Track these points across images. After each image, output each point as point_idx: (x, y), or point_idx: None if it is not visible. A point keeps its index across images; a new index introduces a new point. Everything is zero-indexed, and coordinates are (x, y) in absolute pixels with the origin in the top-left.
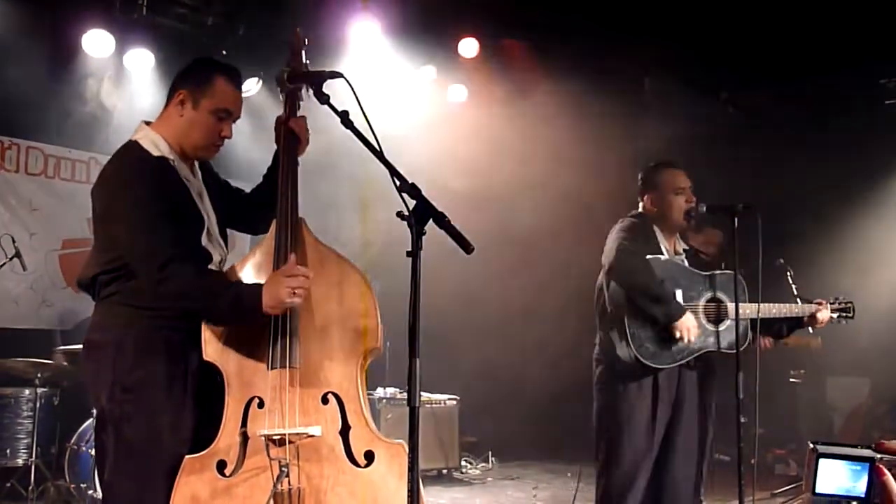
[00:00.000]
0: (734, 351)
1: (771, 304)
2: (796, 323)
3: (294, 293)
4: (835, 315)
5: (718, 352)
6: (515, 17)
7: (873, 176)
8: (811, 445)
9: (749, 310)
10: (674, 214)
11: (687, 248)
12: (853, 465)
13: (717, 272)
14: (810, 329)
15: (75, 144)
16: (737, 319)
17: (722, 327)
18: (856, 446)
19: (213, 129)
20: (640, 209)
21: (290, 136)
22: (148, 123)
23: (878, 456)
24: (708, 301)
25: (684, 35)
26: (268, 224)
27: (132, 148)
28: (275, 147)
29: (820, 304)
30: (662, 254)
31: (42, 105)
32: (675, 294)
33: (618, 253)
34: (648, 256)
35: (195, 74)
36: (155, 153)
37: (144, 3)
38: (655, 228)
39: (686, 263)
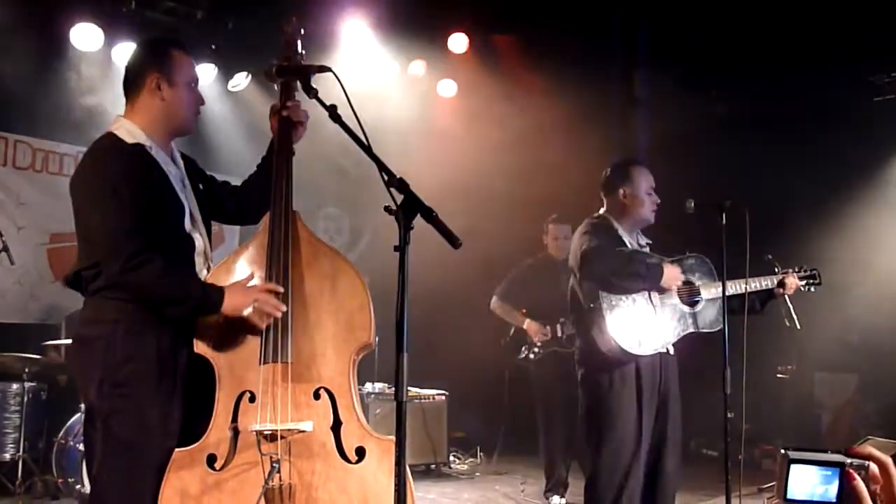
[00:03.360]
0: (712, 330)
1: (739, 280)
2: (767, 295)
3: (255, 303)
4: (802, 282)
5: (697, 332)
6: (505, 12)
7: (863, 173)
8: (782, 451)
9: (716, 289)
10: (644, 211)
11: (650, 242)
12: (824, 470)
13: (685, 256)
14: (785, 296)
15: (64, 138)
16: (724, 322)
17: (697, 308)
18: (826, 451)
19: (193, 99)
20: (605, 207)
21: (284, 127)
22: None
23: (849, 461)
24: (681, 283)
25: (674, 32)
26: (258, 215)
27: (107, 138)
28: (264, 141)
29: (786, 273)
30: (626, 247)
31: (30, 99)
32: (645, 260)
33: (584, 252)
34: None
35: (155, 56)
36: (130, 140)
37: None
38: (616, 226)
39: None
